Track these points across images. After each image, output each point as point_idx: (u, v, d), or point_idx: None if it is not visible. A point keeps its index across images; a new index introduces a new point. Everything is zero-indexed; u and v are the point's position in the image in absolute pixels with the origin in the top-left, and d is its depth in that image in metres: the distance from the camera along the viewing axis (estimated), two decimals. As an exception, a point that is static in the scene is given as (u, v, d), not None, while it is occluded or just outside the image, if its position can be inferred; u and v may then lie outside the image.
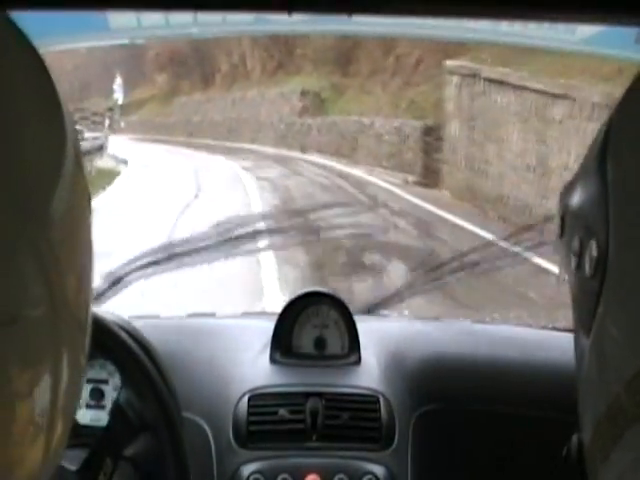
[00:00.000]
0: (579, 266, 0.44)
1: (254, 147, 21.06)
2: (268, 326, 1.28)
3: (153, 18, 1.16)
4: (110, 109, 31.63)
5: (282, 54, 23.39)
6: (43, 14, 0.98)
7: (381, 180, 12.65)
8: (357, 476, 1.09)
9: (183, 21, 1.18)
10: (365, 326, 1.31)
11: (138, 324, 1.12)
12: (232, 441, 1.12)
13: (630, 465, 0.38)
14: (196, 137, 25.41)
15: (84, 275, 0.40)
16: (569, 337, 1.58)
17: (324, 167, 15.14)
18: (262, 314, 1.54)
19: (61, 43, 1.21)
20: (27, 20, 1.00)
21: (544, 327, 1.52)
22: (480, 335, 1.48)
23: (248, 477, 1.08)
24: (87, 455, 0.88)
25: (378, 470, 1.09)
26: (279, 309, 1.29)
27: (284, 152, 18.95)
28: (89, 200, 0.41)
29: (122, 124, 32.06)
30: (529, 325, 1.58)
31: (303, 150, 18.80)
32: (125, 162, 16.86)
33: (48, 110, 0.37)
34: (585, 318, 0.44)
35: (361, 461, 1.11)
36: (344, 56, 19.66)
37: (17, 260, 0.32)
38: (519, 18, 1.01)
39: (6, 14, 0.37)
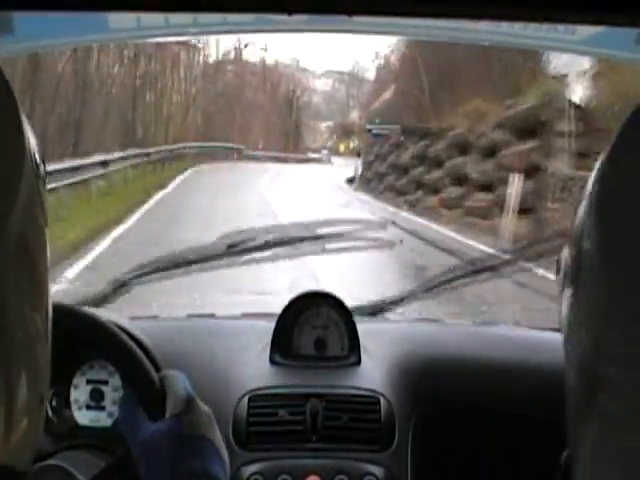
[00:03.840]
0: (560, 275, 0.48)
1: None
2: (268, 327, 1.28)
3: (153, 18, 1.16)
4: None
5: None
6: (43, 14, 0.97)
7: None
8: (357, 477, 1.08)
9: (183, 21, 1.18)
10: (365, 327, 1.30)
11: (138, 325, 1.12)
12: (232, 442, 1.12)
13: (596, 437, 0.41)
14: None
15: (40, 287, 0.40)
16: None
17: None
18: (262, 315, 1.53)
19: (61, 43, 1.21)
20: (27, 20, 1.00)
21: (544, 328, 1.52)
22: (480, 336, 1.48)
23: (248, 478, 1.08)
24: (100, 471, 0.88)
25: (378, 471, 1.09)
26: (279, 310, 1.29)
27: None
28: (45, 216, 0.41)
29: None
30: (530, 326, 1.58)
31: None
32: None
33: (6, 115, 0.37)
34: (563, 323, 0.47)
35: (361, 462, 1.10)
36: None
37: None
38: (519, 18, 1.01)
39: None
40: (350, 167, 23.73)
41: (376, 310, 1.54)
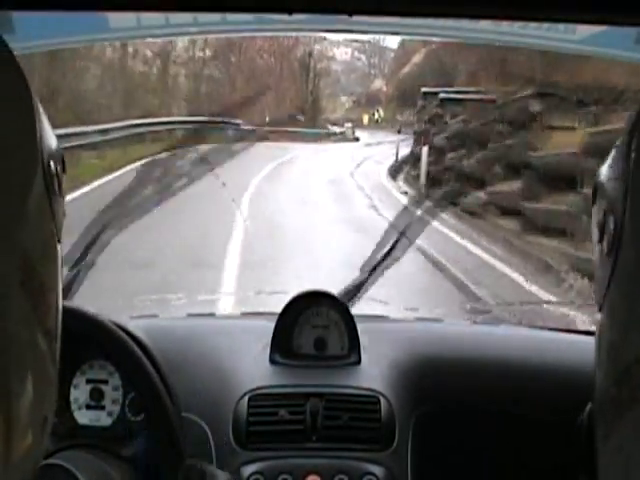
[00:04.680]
0: (600, 240, 0.46)
1: None
2: (268, 326, 1.28)
3: (153, 18, 1.16)
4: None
5: None
6: (43, 14, 0.98)
7: None
8: (357, 477, 1.08)
9: (183, 21, 1.18)
10: (365, 326, 1.30)
11: (138, 324, 1.12)
12: (232, 442, 1.12)
13: (632, 436, 0.40)
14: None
15: (52, 286, 0.39)
16: (569, 338, 1.59)
17: None
18: (262, 314, 1.53)
19: (61, 43, 1.21)
20: (27, 20, 1.00)
21: (544, 328, 1.52)
22: (480, 336, 1.48)
23: (248, 478, 1.08)
24: None
25: (378, 471, 1.09)
26: (279, 309, 1.29)
27: None
28: (57, 231, 0.40)
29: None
30: (530, 326, 1.58)
31: None
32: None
33: (22, 121, 0.36)
34: (599, 294, 0.46)
35: (361, 462, 1.10)
36: None
37: None
38: (519, 18, 1.01)
39: None
40: (382, 146, 15.70)
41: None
